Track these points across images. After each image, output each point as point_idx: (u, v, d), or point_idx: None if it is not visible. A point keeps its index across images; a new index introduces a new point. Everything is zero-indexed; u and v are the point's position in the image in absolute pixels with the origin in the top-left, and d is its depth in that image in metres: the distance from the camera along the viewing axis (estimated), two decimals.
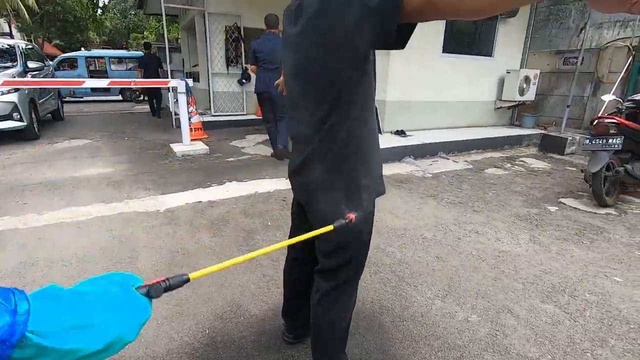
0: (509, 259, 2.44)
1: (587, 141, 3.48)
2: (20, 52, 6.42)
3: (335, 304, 1.21)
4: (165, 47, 6.73)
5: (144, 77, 8.05)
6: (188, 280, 0.56)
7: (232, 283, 2.07)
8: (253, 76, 4.82)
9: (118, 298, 0.46)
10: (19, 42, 6.86)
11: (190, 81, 5.24)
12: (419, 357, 1.59)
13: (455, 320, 1.82)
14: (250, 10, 7.28)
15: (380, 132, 0.93)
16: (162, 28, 8.08)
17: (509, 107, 6.99)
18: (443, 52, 5.93)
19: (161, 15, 6.71)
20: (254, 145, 5.76)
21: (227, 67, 7.57)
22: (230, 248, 2.48)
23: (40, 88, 6.28)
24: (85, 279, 0.49)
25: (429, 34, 5.69)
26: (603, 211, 3.40)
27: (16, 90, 5.31)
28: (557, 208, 3.45)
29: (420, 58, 5.67)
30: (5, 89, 5.01)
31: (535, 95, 6.78)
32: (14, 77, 5.62)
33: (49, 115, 7.64)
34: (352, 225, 0.96)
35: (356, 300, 1.32)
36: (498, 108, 6.91)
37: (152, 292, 0.50)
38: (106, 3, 13.53)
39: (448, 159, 5.20)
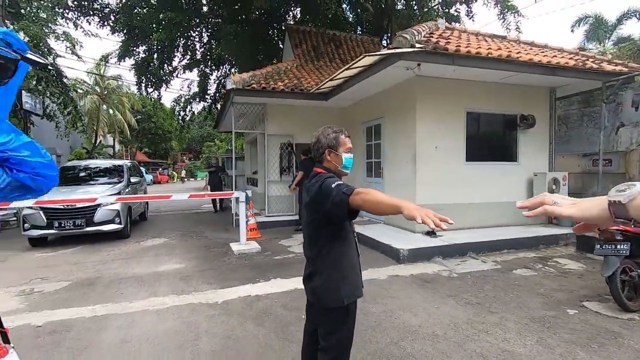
0: (510, 358, 2.72)
1: (598, 246, 3.75)
2: (126, 169, 8.38)
3: None
4: (232, 157, 8.39)
5: (211, 188, 9.84)
6: None
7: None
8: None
9: None
10: (126, 162, 8.97)
11: (249, 191, 6.47)
12: None
13: None
14: (301, 131, 8.88)
15: (358, 255, 1.36)
16: (231, 142, 10.01)
17: None
18: (466, 160, 6.67)
19: (231, 132, 8.53)
20: (299, 244, 6.57)
21: (280, 175, 8.96)
22: (269, 336, 3.09)
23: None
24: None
25: (451, 148, 6.54)
26: (626, 316, 3.48)
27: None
28: (576, 311, 3.60)
29: (445, 166, 6.44)
30: (113, 199, 6.60)
31: (568, 195, 7.00)
32: (120, 191, 7.35)
33: (138, 216, 9.35)
34: (336, 317, 1.63)
35: None
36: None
37: None
38: (187, 119, 16.84)
39: (477, 259, 5.51)
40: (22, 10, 11.21)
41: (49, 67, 12.00)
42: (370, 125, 8.13)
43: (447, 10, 11.99)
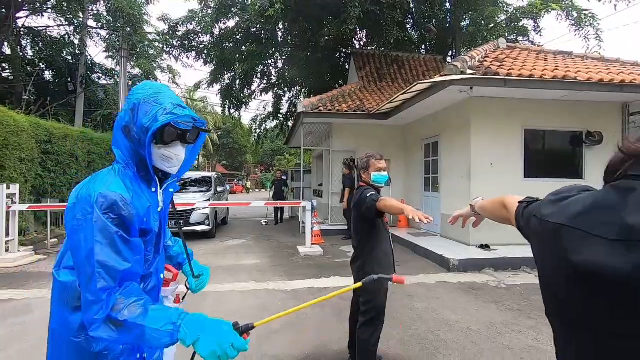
0: (534, 352, 3.10)
1: None
2: (214, 180, 9.94)
3: (365, 331, 2.48)
4: (301, 171, 9.45)
5: (274, 196, 10.98)
6: (253, 327, 1.00)
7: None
8: None
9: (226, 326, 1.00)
10: (213, 174, 10.59)
11: (315, 202, 7.38)
12: None
13: None
14: (363, 146, 9.61)
15: (392, 248, 1.75)
16: (300, 158, 11.15)
17: None
18: (524, 177, 6.77)
19: (300, 147, 9.61)
20: None
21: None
22: (328, 316, 3.85)
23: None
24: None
25: (508, 164, 6.73)
26: None
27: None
28: None
29: (500, 182, 6.62)
30: (206, 204, 8.01)
31: None
32: (210, 198, 8.82)
33: (220, 220, 10.90)
34: (372, 288, 2.33)
35: (379, 335, 2.54)
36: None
37: (237, 328, 1.00)
38: (262, 136, 18.75)
39: (530, 273, 5.63)
40: (138, 50, 13.84)
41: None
42: (428, 142, 8.57)
43: (514, 25, 11.88)
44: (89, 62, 14.70)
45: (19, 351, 3.09)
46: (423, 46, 14.93)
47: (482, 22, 11.06)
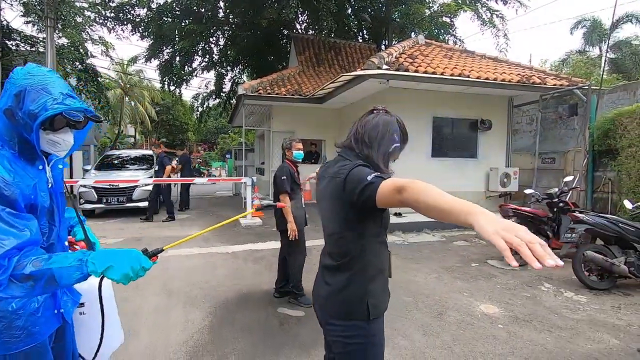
0: (410, 283, 4.29)
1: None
2: (155, 158, 10.14)
3: (291, 259, 3.40)
4: (243, 149, 10.01)
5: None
6: (162, 250, 1.19)
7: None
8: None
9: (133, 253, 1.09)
10: (154, 152, 10.73)
11: (255, 178, 8.10)
12: None
13: None
14: (302, 127, 10.45)
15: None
16: (242, 136, 11.66)
17: (500, 196, 8.65)
18: (432, 156, 8.15)
19: (242, 127, 10.15)
20: None
21: None
22: (261, 269, 4.74)
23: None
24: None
25: (419, 146, 8.02)
26: (510, 268, 4.98)
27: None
28: (477, 264, 5.12)
29: (412, 162, 7.89)
30: (150, 181, 8.32)
31: (518, 187, 8.43)
32: (152, 175, 9.10)
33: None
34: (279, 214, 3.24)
35: (302, 263, 3.47)
36: (488, 197, 8.62)
37: (146, 253, 1.13)
38: (204, 114, 18.68)
39: (429, 233, 7.04)
40: (63, 17, 12.88)
41: (87, 67, 13.82)
42: None
43: (436, 20, 13.31)
44: (5, 28, 13.38)
45: None
46: (360, 33, 15.90)
47: (410, 16, 12.23)
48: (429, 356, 2.71)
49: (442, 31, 14.14)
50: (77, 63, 13.73)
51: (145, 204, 8.68)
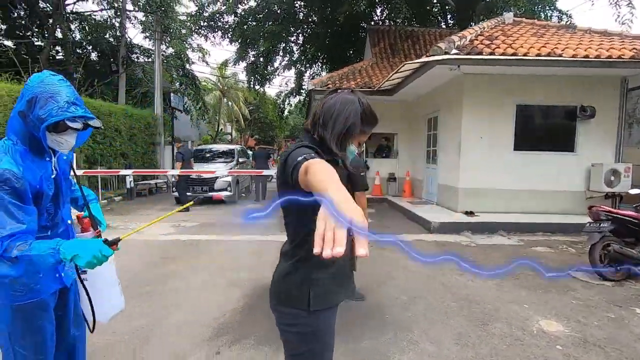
0: (463, 287, 3.88)
1: (587, 224, 4.41)
2: (236, 152, 11.07)
3: None
4: None
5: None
6: (119, 239, 1.30)
7: None
8: None
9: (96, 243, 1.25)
10: (237, 146, 11.72)
11: None
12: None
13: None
14: None
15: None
16: None
17: (605, 197, 7.21)
18: (514, 149, 7.19)
19: None
20: None
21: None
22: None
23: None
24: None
25: (498, 138, 7.16)
26: (596, 282, 4.14)
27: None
28: (555, 274, 4.37)
29: (490, 153, 7.10)
30: (226, 172, 9.13)
31: (631, 186, 6.89)
32: (231, 168, 9.96)
33: (244, 188, 12.13)
34: None
35: None
36: (589, 197, 7.25)
37: (107, 242, 1.28)
38: (285, 110, 19.68)
39: (505, 236, 6.24)
40: (171, 30, 14.91)
41: (187, 73, 15.75)
42: (429, 117, 9.06)
43: None
44: (129, 44, 16.05)
45: None
46: (445, 19, 14.81)
47: None
48: None
49: (541, 7, 12.27)
50: (180, 70, 15.68)
51: (225, 193, 9.55)
